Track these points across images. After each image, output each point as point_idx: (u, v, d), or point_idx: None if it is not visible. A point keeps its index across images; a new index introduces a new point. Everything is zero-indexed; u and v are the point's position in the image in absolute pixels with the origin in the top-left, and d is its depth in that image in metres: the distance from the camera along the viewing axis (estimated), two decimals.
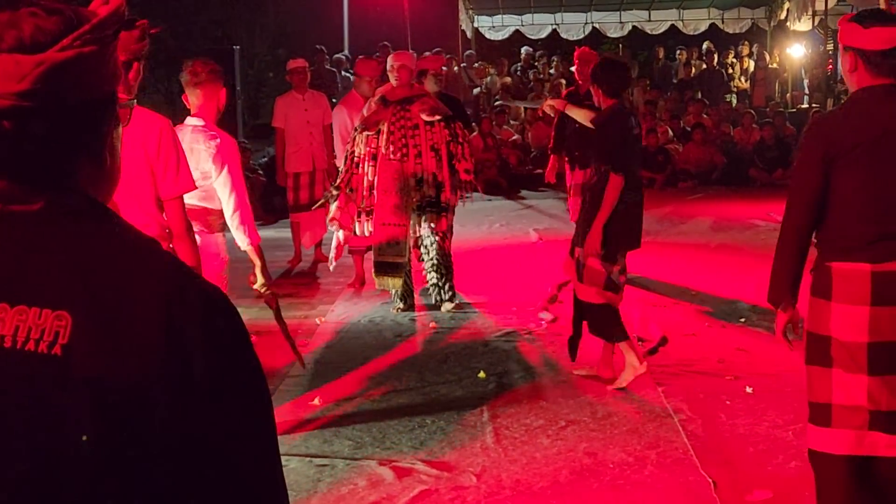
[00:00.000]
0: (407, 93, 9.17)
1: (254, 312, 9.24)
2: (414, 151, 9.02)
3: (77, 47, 1.47)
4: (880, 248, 4.15)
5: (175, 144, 4.80)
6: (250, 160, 17.32)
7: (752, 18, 25.10)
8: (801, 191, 4.32)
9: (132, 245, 1.52)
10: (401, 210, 9.06)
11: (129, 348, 1.42)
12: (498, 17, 25.32)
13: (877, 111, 4.23)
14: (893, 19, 4.35)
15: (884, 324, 4.15)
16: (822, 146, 4.21)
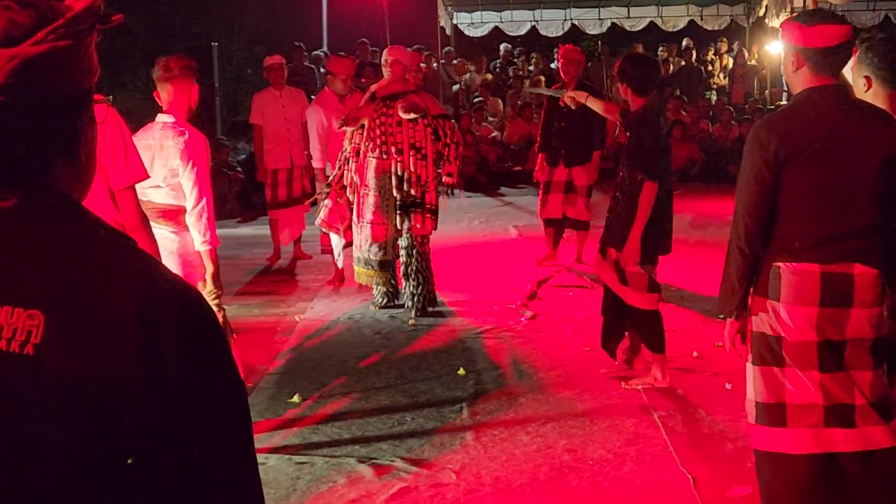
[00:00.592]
0: (398, 88, 9.00)
1: (233, 310, 9.23)
2: (395, 149, 8.87)
3: (51, 41, 1.45)
4: (829, 250, 4.15)
5: (121, 131, 4.59)
6: (228, 157, 17.27)
7: (730, 15, 25.14)
8: (753, 194, 4.25)
9: (107, 243, 1.50)
10: (381, 208, 8.95)
11: (103, 347, 1.40)
12: (477, 14, 25.29)
13: (825, 112, 4.21)
14: (836, 18, 4.37)
15: (832, 324, 4.15)
16: (775, 147, 4.17)
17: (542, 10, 25.04)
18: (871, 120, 4.25)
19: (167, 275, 1.53)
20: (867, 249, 4.18)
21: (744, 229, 4.28)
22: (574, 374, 7.30)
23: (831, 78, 4.24)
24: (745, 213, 4.28)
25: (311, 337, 8.52)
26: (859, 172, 4.17)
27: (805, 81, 4.28)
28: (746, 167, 4.30)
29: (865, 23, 23.74)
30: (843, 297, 4.15)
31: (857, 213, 4.18)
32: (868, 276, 4.17)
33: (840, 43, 4.21)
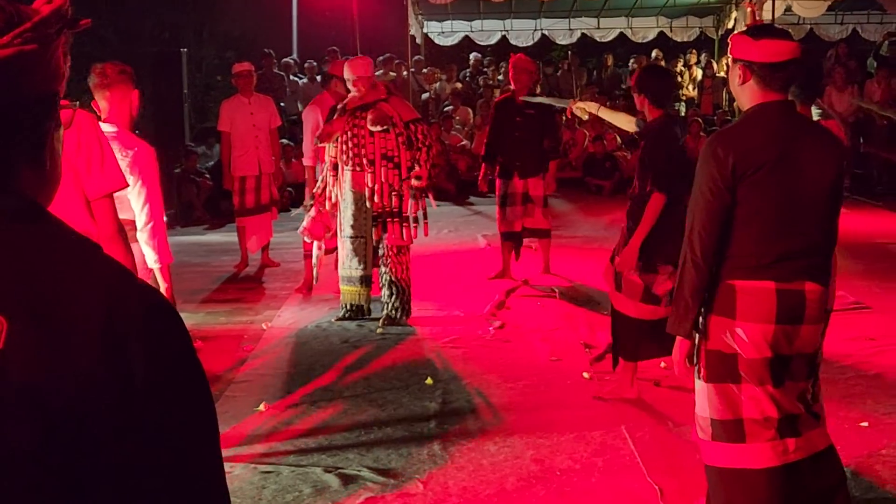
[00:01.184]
0: (368, 98, 8.87)
1: (199, 317, 9.22)
2: (366, 160, 8.81)
3: (17, 45, 1.44)
4: (785, 267, 4.18)
5: (98, 138, 4.42)
6: (197, 164, 17.20)
7: (700, 27, 25.29)
8: (709, 209, 4.23)
9: (73, 248, 1.48)
10: (358, 222, 8.93)
11: (68, 354, 1.38)
12: (447, 23, 25.33)
13: (778, 129, 4.25)
14: (784, 34, 4.38)
15: (784, 340, 4.20)
16: (732, 162, 4.17)
17: (512, 19, 25.12)
18: (819, 139, 4.33)
19: (132, 279, 1.51)
20: (817, 267, 4.26)
21: (699, 244, 4.25)
22: (542, 384, 7.30)
23: (779, 93, 4.27)
24: (701, 227, 4.25)
25: (278, 345, 8.49)
26: (810, 191, 4.22)
27: (752, 96, 4.31)
28: (702, 182, 4.28)
29: (833, 36, 23.98)
30: (797, 313, 4.20)
31: (809, 231, 4.24)
32: (817, 292, 4.24)
33: (788, 59, 4.23)
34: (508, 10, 23.78)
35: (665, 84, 7.05)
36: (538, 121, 10.59)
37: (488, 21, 25.24)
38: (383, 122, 8.72)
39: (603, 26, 25.52)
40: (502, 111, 10.88)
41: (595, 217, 15.83)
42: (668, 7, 23.96)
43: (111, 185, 4.37)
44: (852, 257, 11.21)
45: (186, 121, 18.55)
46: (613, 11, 24.72)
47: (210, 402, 1.55)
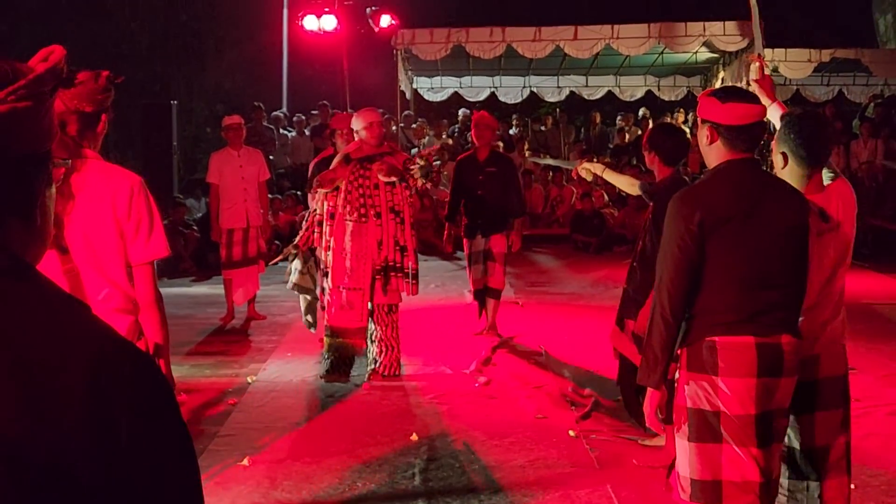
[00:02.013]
0: (374, 150, 8.82)
1: (184, 370, 9.17)
2: (373, 212, 8.69)
3: (11, 102, 1.44)
4: (763, 321, 4.21)
5: (148, 204, 4.25)
6: (185, 215, 17.21)
7: (687, 86, 25.51)
8: (677, 264, 4.27)
9: (59, 307, 1.48)
10: (357, 274, 8.72)
11: (51, 412, 1.37)
12: (437, 79, 25.51)
13: (744, 185, 4.30)
14: (751, 97, 4.43)
15: (766, 394, 4.20)
16: (699, 218, 4.21)
17: (501, 76, 25.32)
18: (784, 194, 4.37)
19: (117, 338, 1.51)
20: (791, 320, 4.29)
21: (668, 299, 4.29)
22: (528, 441, 7.26)
23: (745, 153, 4.33)
24: (669, 282, 4.29)
25: (263, 399, 8.44)
26: (779, 245, 4.26)
27: (719, 155, 4.36)
28: (669, 238, 4.33)
29: (819, 97, 24.16)
30: (776, 367, 4.21)
31: (781, 283, 4.26)
32: (793, 344, 4.26)
33: (753, 122, 4.29)
34: (498, 67, 23.96)
35: (677, 142, 6.98)
36: (501, 179, 10.53)
37: (477, 77, 25.44)
38: (395, 174, 8.67)
39: (591, 84, 25.74)
40: (465, 169, 10.81)
41: (582, 274, 15.86)
42: (656, 66, 24.18)
43: (156, 253, 4.31)
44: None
45: (175, 172, 18.61)
46: (602, 70, 24.93)
47: (193, 458, 1.54)
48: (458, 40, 20.56)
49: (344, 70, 19.07)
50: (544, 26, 20.93)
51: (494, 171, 10.51)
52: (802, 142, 4.65)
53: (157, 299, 4.25)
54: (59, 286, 1.52)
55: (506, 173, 10.63)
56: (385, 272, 8.77)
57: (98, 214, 4.00)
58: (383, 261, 8.73)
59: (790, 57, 22.00)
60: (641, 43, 20.76)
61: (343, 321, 8.78)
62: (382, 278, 8.77)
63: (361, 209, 8.67)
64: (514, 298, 13.10)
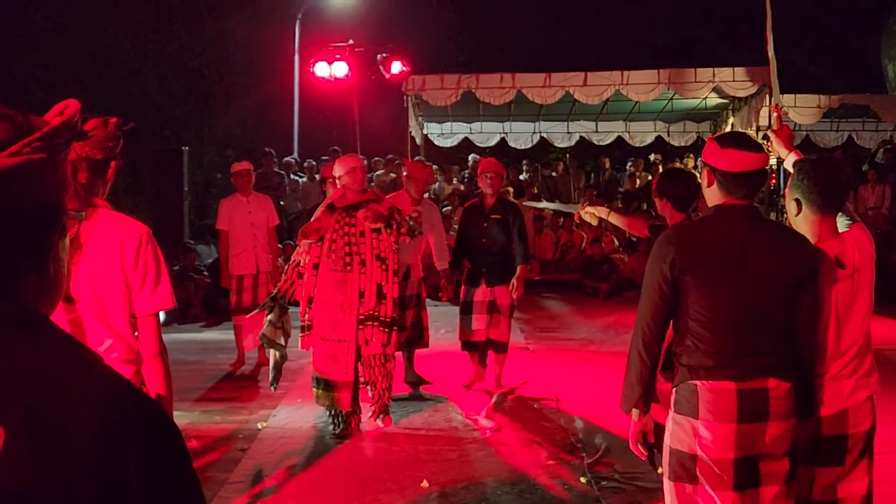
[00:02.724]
0: (358, 198, 8.62)
1: (194, 416, 9.15)
2: (358, 260, 8.47)
3: (26, 154, 1.46)
4: (743, 366, 4.19)
5: (156, 255, 4.27)
6: (195, 261, 17.24)
7: (697, 132, 25.56)
8: (652, 304, 4.33)
9: (71, 358, 1.49)
10: (342, 325, 8.49)
11: (63, 462, 1.38)
12: (447, 125, 25.60)
13: (730, 229, 4.29)
14: (752, 145, 4.40)
15: (749, 439, 4.18)
16: (671, 258, 4.24)
17: (511, 122, 25.41)
18: (781, 239, 4.35)
19: (128, 386, 1.52)
20: (780, 364, 4.25)
21: (642, 338, 4.36)
22: (538, 488, 7.23)
23: (743, 199, 4.33)
24: (644, 322, 4.36)
25: (273, 445, 8.41)
26: (768, 290, 4.24)
27: (715, 199, 4.40)
28: (647, 278, 4.39)
29: (829, 143, 24.20)
30: (760, 412, 4.19)
31: (769, 329, 4.25)
32: (782, 389, 4.22)
33: (751, 170, 4.29)
34: (508, 112, 24.04)
35: (686, 187, 6.94)
36: (507, 226, 10.29)
37: (488, 123, 25.53)
38: (383, 220, 8.50)
39: (601, 130, 25.81)
40: (471, 216, 10.54)
41: (592, 319, 15.83)
42: (666, 112, 24.25)
43: (162, 304, 4.28)
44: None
45: (186, 218, 18.66)
46: (612, 116, 25.01)
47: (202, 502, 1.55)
48: (469, 86, 20.65)
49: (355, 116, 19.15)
50: (554, 72, 21.01)
51: (500, 218, 10.29)
52: (817, 188, 4.60)
53: (162, 351, 4.21)
54: (71, 336, 1.53)
55: (512, 220, 10.36)
56: (371, 321, 8.52)
57: (105, 264, 3.99)
58: (367, 310, 8.50)
59: (799, 102, 22.04)
60: (651, 89, 20.83)
61: (328, 374, 8.58)
62: (367, 328, 8.53)
63: (346, 258, 8.48)
64: (525, 344, 13.07)
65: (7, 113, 1.50)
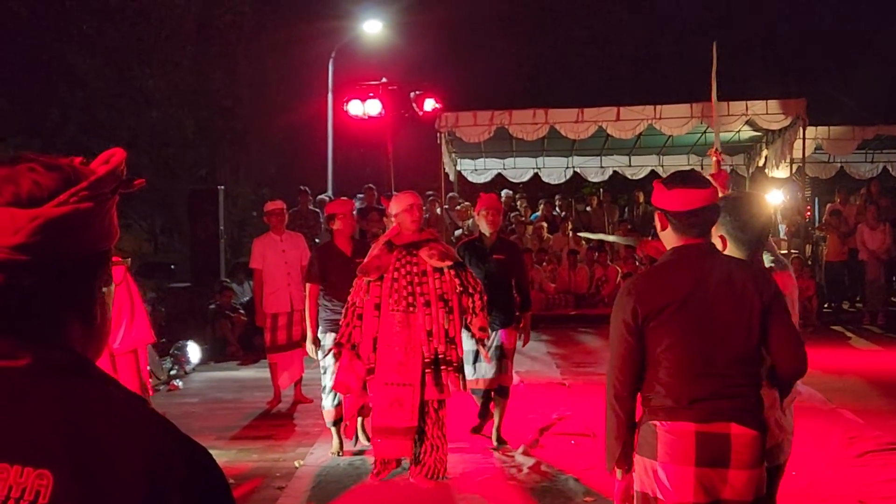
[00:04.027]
0: (417, 237, 8.18)
1: (231, 455, 9.17)
2: (422, 301, 7.97)
3: (73, 203, 1.49)
4: (703, 408, 4.14)
5: (129, 290, 4.20)
6: (231, 299, 17.31)
7: (730, 165, 25.45)
8: (619, 355, 4.31)
9: (117, 403, 1.51)
10: (407, 368, 7.94)
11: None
12: (481, 161, 25.64)
13: (685, 271, 4.26)
14: (698, 181, 4.36)
15: (708, 485, 4.12)
16: (632, 306, 4.23)
17: (544, 157, 25.42)
18: (738, 272, 4.30)
19: (177, 434, 1.54)
20: (745, 409, 4.18)
21: (613, 390, 4.32)
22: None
23: (696, 238, 4.30)
24: (613, 373, 4.33)
25: (311, 483, 8.42)
26: (729, 328, 4.20)
27: (670, 241, 4.37)
28: (612, 330, 4.37)
29: (864, 174, 24.07)
30: (720, 457, 4.13)
31: (728, 372, 4.19)
32: (746, 436, 4.15)
33: (700, 207, 4.26)
34: (541, 148, 24.06)
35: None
36: (508, 267, 9.69)
37: (521, 159, 25.55)
38: (450, 258, 8.09)
39: (634, 164, 25.77)
40: (471, 256, 9.57)
41: None
42: (700, 145, 24.17)
43: (139, 340, 4.25)
44: (886, 395, 11.13)
45: (223, 256, 18.76)
46: (645, 150, 24.96)
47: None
48: (502, 122, 20.66)
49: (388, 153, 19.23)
50: (587, 108, 21.00)
51: (503, 258, 9.66)
52: (740, 224, 4.74)
53: (140, 388, 4.16)
54: (118, 381, 1.56)
55: (514, 261, 9.85)
56: (435, 365, 7.96)
57: None
58: (433, 353, 7.95)
59: (833, 135, 21.95)
60: (684, 123, 20.79)
61: (391, 420, 8.01)
62: (433, 372, 7.96)
63: (409, 297, 7.99)
64: (561, 379, 13.05)
65: (56, 163, 1.53)
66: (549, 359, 15.19)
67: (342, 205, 10.07)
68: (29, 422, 1.44)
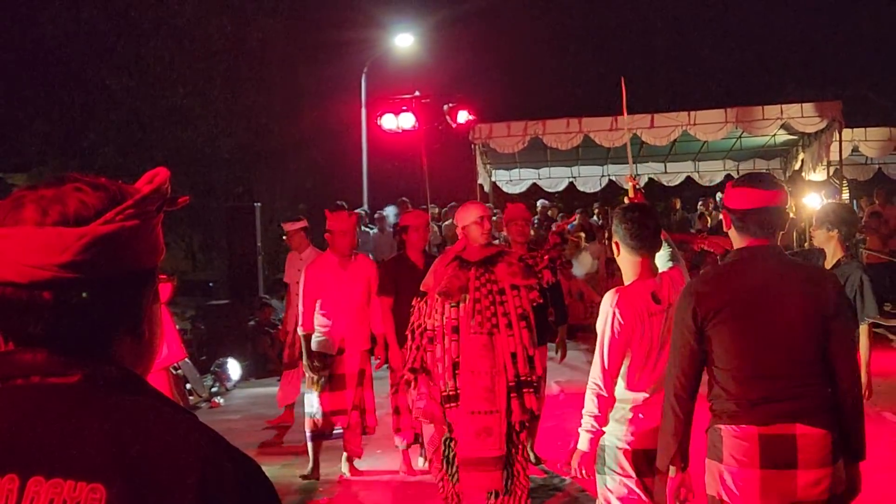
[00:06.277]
0: (487, 251, 7.47)
1: (275, 470, 9.19)
2: (504, 321, 7.22)
3: (119, 221, 1.51)
4: (766, 411, 4.15)
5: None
6: (271, 316, 17.36)
7: (767, 169, 25.26)
8: (680, 356, 4.35)
9: (168, 418, 1.53)
10: (494, 394, 7.21)
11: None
12: (515, 171, 25.61)
13: (753, 271, 4.27)
14: (763, 182, 4.40)
15: (777, 487, 4.12)
16: (692, 308, 4.26)
17: (579, 166, 25.35)
18: (804, 278, 4.32)
19: (227, 448, 1.55)
20: (810, 409, 4.18)
21: (673, 390, 4.36)
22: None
23: (761, 239, 4.31)
24: (674, 375, 4.37)
25: (355, 497, 8.45)
26: (792, 331, 4.20)
27: (736, 241, 4.41)
28: (674, 331, 4.43)
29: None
30: (786, 458, 4.13)
31: (796, 372, 4.20)
32: (812, 435, 4.14)
33: (762, 207, 4.28)
34: (576, 157, 24.00)
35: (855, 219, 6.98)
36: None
37: (556, 168, 25.50)
38: (533, 277, 7.44)
39: (670, 171, 25.68)
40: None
41: None
42: (735, 150, 24.07)
43: (170, 357, 4.23)
44: None
45: (261, 273, 18.82)
46: (680, 156, 24.86)
47: None
48: (536, 132, 20.63)
49: (423, 166, 19.22)
50: (621, 115, 20.94)
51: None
52: (629, 232, 4.97)
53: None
54: (168, 397, 1.58)
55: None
56: (518, 388, 7.24)
57: None
58: (515, 376, 7.23)
59: (870, 136, 21.78)
60: (719, 128, 20.68)
61: (480, 450, 7.24)
62: (517, 396, 7.24)
63: (493, 319, 7.23)
64: None
65: (102, 183, 1.56)
66: (588, 367, 15.10)
67: (416, 217, 9.76)
68: (81, 437, 1.46)
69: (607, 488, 5.21)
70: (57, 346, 1.52)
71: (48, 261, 1.48)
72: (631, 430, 5.11)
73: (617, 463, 5.15)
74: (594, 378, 5.14)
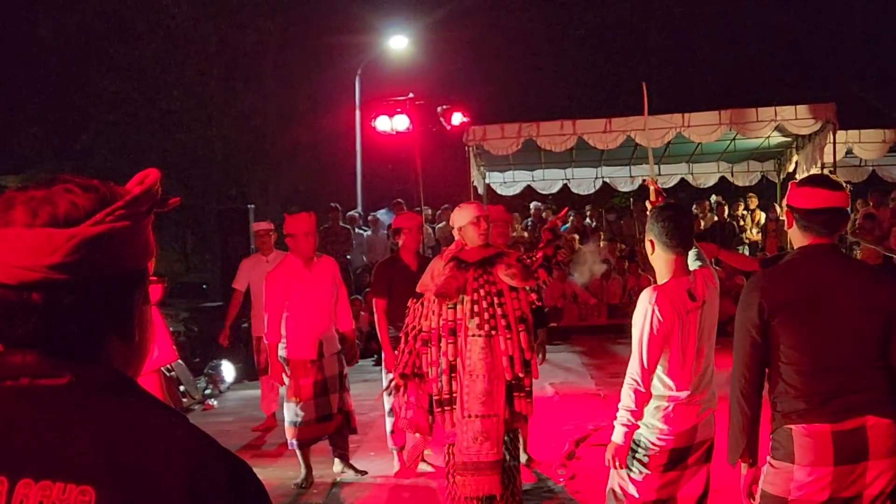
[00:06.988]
0: (485, 252, 7.31)
1: (268, 472, 9.18)
2: (503, 323, 7.11)
3: (109, 222, 1.50)
4: (835, 406, 4.20)
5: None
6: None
7: (761, 171, 25.32)
8: (745, 352, 4.40)
9: (158, 419, 1.53)
10: (492, 397, 7.11)
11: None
12: (509, 173, 25.60)
13: (812, 269, 4.36)
14: (827, 184, 4.48)
15: (847, 482, 4.18)
16: (758, 304, 4.32)
17: (573, 168, 25.34)
18: (865, 275, 4.41)
19: (218, 449, 1.55)
20: (877, 401, 4.25)
21: (739, 387, 4.42)
22: None
23: (823, 238, 4.39)
24: (740, 371, 4.42)
25: (349, 498, 8.45)
26: (855, 327, 4.26)
27: (797, 239, 4.49)
28: (738, 326, 4.46)
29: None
30: (858, 452, 4.20)
31: (860, 367, 4.27)
32: (882, 425, 4.22)
33: (826, 207, 4.36)
34: (569, 159, 23.99)
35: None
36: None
37: (549, 170, 25.49)
38: (533, 279, 7.32)
39: (664, 172, 25.66)
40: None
41: None
42: (729, 152, 24.08)
43: (161, 359, 4.23)
44: None
45: None
46: (674, 158, 24.87)
47: None
48: (529, 134, 20.62)
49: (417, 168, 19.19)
50: (614, 117, 20.95)
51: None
52: (665, 231, 5.09)
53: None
54: (158, 399, 1.57)
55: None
56: (509, 392, 7.21)
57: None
58: (512, 379, 7.18)
59: (864, 138, 21.77)
60: (713, 130, 20.68)
61: (477, 455, 7.15)
62: (514, 400, 7.24)
63: (491, 321, 7.13)
64: (596, 390, 13.02)
65: (92, 184, 1.55)
66: (583, 370, 15.16)
67: (409, 219, 9.71)
68: (71, 439, 1.45)
69: (630, 479, 5.24)
70: (47, 348, 1.51)
71: (38, 262, 1.47)
72: (665, 428, 5.20)
73: (647, 457, 5.21)
74: (632, 373, 5.21)
